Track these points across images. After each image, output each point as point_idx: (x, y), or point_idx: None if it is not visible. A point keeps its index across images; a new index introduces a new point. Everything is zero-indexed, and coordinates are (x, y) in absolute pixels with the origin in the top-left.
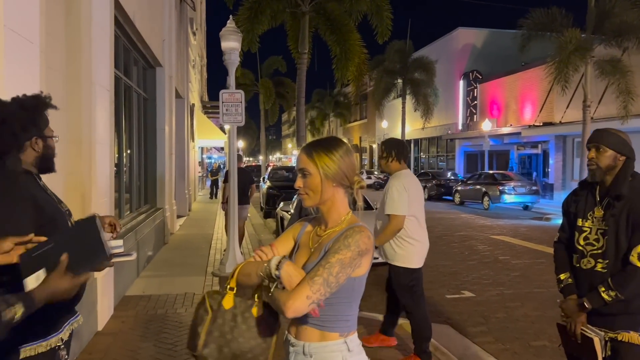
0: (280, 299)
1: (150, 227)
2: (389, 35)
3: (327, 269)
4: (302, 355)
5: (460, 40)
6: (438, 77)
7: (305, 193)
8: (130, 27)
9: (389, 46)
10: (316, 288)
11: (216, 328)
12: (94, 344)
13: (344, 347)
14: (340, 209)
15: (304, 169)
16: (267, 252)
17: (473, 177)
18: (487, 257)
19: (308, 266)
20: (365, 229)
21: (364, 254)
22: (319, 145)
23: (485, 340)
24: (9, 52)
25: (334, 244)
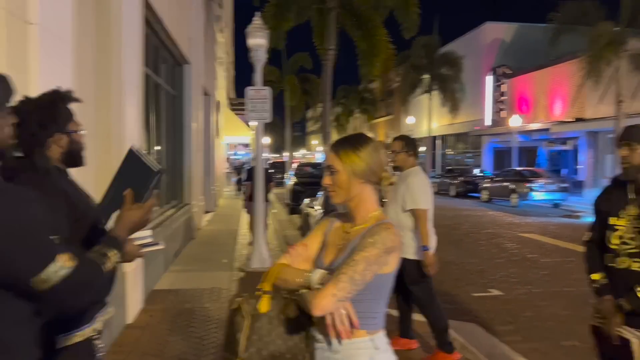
0: (307, 297)
1: (179, 222)
2: (416, 30)
3: (352, 266)
4: (329, 352)
5: (488, 34)
6: (465, 72)
7: (332, 190)
8: (159, 25)
9: (415, 41)
10: (341, 286)
11: (254, 332)
12: (123, 336)
13: (370, 345)
14: (368, 206)
15: (331, 166)
16: (300, 252)
17: (501, 173)
18: (515, 255)
19: (335, 263)
20: (392, 226)
21: (390, 252)
22: (346, 143)
23: (514, 339)
24: (44, 50)
25: (361, 241)
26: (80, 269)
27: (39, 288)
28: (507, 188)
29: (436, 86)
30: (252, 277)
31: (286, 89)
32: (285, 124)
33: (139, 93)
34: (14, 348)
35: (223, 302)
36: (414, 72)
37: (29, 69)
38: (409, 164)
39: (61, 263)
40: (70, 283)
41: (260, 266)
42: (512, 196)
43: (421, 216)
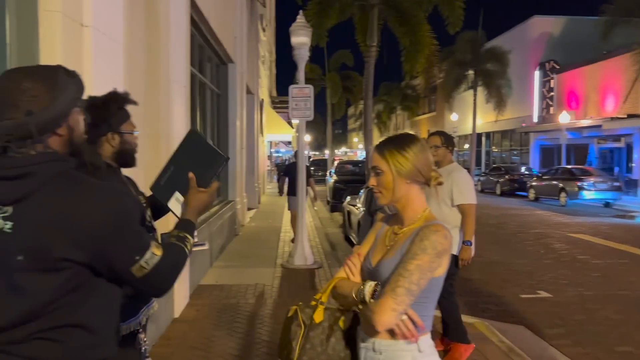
0: (368, 314)
1: (223, 219)
2: (460, 25)
3: (407, 277)
4: (372, 352)
5: (536, 29)
6: (512, 67)
7: (379, 191)
8: (205, 26)
9: (459, 37)
10: (400, 299)
11: (308, 341)
12: (171, 330)
13: (414, 347)
14: (416, 206)
15: (376, 167)
16: (355, 262)
17: (549, 172)
18: (564, 256)
19: (382, 263)
20: (442, 227)
21: (442, 255)
22: (391, 143)
23: (564, 342)
24: (97, 51)
25: (411, 247)
26: (168, 254)
27: (136, 275)
28: (556, 186)
29: (481, 82)
30: (295, 275)
31: (328, 86)
32: (327, 122)
33: (186, 92)
34: (102, 339)
35: (267, 299)
36: (458, 68)
37: (83, 70)
38: (447, 159)
39: (154, 250)
40: (162, 268)
41: (302, 263)
42: (561, 195)
43: (469, 211)
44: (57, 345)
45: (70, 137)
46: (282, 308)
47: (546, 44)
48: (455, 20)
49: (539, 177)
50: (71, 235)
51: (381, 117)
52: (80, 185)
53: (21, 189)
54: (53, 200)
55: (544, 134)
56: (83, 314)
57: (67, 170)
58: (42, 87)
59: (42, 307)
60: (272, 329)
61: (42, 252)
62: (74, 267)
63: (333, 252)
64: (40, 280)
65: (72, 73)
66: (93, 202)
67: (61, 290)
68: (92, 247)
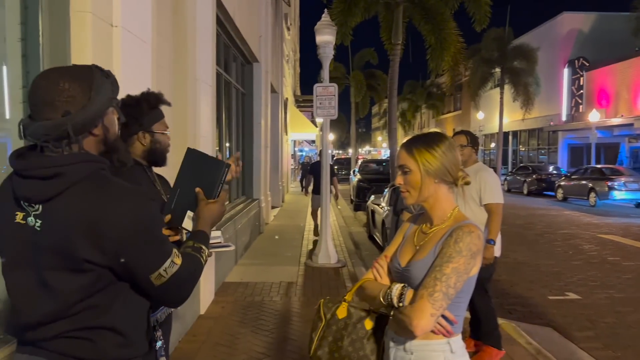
0: (405, 320)
1: (247, 217)
2: (487, 22)
3: (444, 281)
4: (403, 352)
5: (565, 25)
6: (540, 65)
7: (406, 190)
8: (230, 25)
9: (486, 34)
10: (438, 305)
11: (330, 334)
12: (197, 326)
13: (446, 348)
14: (444, 205)
15: (403, 166)
16: (382, 264)
17: (578, 171)
18: (594, 257)
19: (414, 264)
20: (475, 227)
21: (476, 255)
22: (420, 141)
23: (593, 346)
24: (126, 51)
25: (445, 249)
26: (186, 264)
27: (155, 283)
28: (585, 186)
29: (508, 80)
30: (319, 273)
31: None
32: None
33: (212, 91)
34: (132, 340)
35: (291, 297)
36: (484, 66)
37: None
38: (473, 159)
39: (174, 259)
40: (180, 278)
41: (326, 262)
42: (590, 195)
43: (496, 210)
44: (88, 344)
45: (105, 136)
46: (306, 306)
47: (575, 40)
48: (481, 17)
49: (567, 177)
50: (94, 238)
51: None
52: (108, 189)
53: (52, 189)
54: (80, 201)
55: (572, 132)
56: (111, 316)
57: (98, 171)
58: (79, 88)
59: (69, 307)
60: (297, 327)
61: (67, 251)
62: (96, 269)
63: (357, 251)
64: (66, 279)
65: (107, 73)
66: (118, 207)
67: (85, 291)
68: (114, 251)
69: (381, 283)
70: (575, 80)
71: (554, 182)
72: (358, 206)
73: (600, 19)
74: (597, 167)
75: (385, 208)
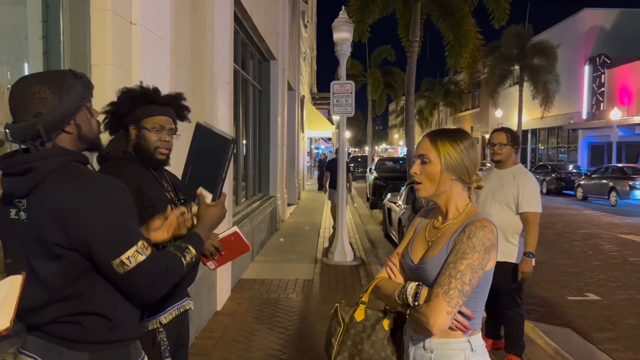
0: (422, 319)
1: (264, 214)
2: (506, 19)
3: (459, 279)
4: (423, 350)
5: (586, 22)
6: (560, 62)
7: (420, 181)
8: (248, 22)
9: (505, 31)
10: (454, 302)
11: (349, 338)
12: (213, 323)
13: (467, 346)
14: (458, 202)
15: (424, 156)
16: (396, 263)
17: (598, 170)
18: (614, 257)
19: (427, 261)
20: (488, 222)
21: (490, 250)
22: (445, 134)
23: (614, 347)
24: (145, 49)
25: (459, 245)
26: (157, 257)
27: (118, 271)
28: (606, 185)
29: (527, 77)
30: (334, 271)
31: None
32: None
33: (229, 89)
34: (120, 324)
35: (307, 294)
36: (503, 63)
37: (132, 67)
38: (512, 159)
39: (139, 250)
40: (145, 270)
41: (342, 260)
42: (611, 194)
43: (534, 220)
44: (77, 327)
45: (79, 133)
46: (322, 304)
47: (597, 37)
48: (500, 14)
49: (587, 176)
50: (60, 223)
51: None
52: (75, 178)
53: (27, 183)
54: (50, 191)
55: (593, 131)
56: (95, 302)
57: (68, 164)
58: (49, 90)
59: (55, 293)
60: (313, 324)
61: (43, 238)
62: (66, 253)
63: (373, 250)
64: (47, 266)
65: (79, 75)
66: (82, 194)
67: (66, 277)
68: (78, 235)
69: (395, 281)
70: (597, 78)
71: (573, 181)
72: (374, 204)
73: (622, 16)
74: (618, 166)
75: (402, 206)
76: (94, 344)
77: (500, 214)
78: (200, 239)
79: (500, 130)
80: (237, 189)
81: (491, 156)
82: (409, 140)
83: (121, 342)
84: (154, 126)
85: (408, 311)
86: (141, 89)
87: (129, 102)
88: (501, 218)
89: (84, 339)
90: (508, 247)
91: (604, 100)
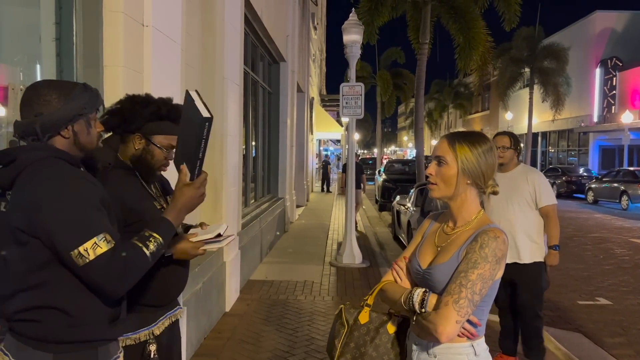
0: (430, 326)
1: (272, 216)
2: (516, 21)
3: (470, 288)
4: (426, 354)
5: (597, 24)
6: (571, 64)
7: (434, 182)
8: (258, 24)
9: (516, 33)
10: (464, 312)
11: (352, 340)
12: (222, 323)
13: (470, 351)
14: (471, 209)
15: (441, 157)
16: (402, 266)
17: (609, 173)
18: (625, 262)
19: (436, 267)
20: (501, 232)
21: (501, 260)
22: (463, 137)
23: (625, 353)
24: (156, 50)
25: (470, 254)
26: (119, 249)
27: (77, 262)
28: (617, 189)
29: (537, 80)
30: (343, 273)
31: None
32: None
33: (239, 90)
34: (82, 322)
35: (315, 296)
36: (513, 65)
37: (143, 68)
38: (514, 162)
39: (100, 242)
40: (106, 263)
41: (351, 262)
42: (622, 198)
43: (553, 212)
44: (37, 325)
45: (75, 140)
46: (330, 306)
47: (608, 39)
48: (511, 16)
49: (598, 179)
50: (25, 210)
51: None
52: (47, 169)
53: (10, 174)
54: (22, 180)
55: (604, 134)
56: (57, 296)
57: (48, 158)
58: (55, 95)
59: (20, 279)
60: (321, 326)
61: (10, 224)
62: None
63: (382, 252)
64: (13, 251)
65: (90, 88)
66: (48, 184)
67: (29, 262)
68: (39, 223)
69: (401, 285)
70: (608, 81)
71: (584, 185)
72: (383, 206)
73: (634, 18)
74: (630, 170)
75: (411, 208)
76: (58, 344)
77: (520, 215)
78: (168, 223)
79: (504, 134)
80: (246, 190)
81: None
82: (418, 143)
83: (87, 343)
84: (166, 145)
85: (415, 317)
86: (162, 103)
87: (145, 115)
88: (523, 219)
89: (47, 338)
90: (534, 247)
91: (616, 103)
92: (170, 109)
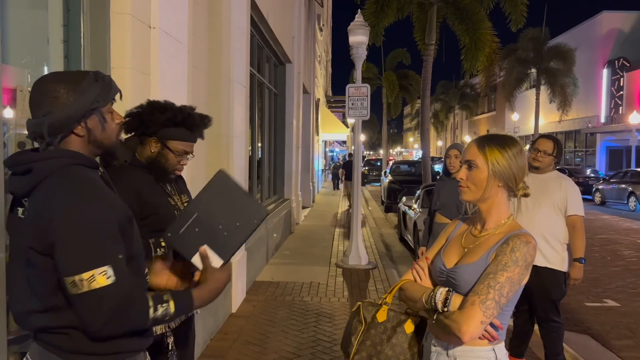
0: (453, 325)
1: (278, 217)
2: (523, 22)
3: (498, 290)
4: (445, 356)
5: (604, 25)
6: (577, 65)
7: (466, 186)
8: (264, 26)
9: (522, 34)
10: (490, 313)
11: (368, 338)
12: (228, 324)
13: (491, 355)
14: (501, 212)
15: (471, 161)
16: (423, 266)
17: (617, 175)
18: (633, 263)
19: (462, 267)
20: (532, 238)
21: (529, 266)
22: (493, 140)
23: (633, 355)
24: (163, 52)
25: (501, 257)
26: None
27: (69, 290)
28: (625, 190)
29: (544, 81)
30: (349, 274)
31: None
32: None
33: (246, 92)
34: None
35: (321, 297)
36: (519, 66)
37: (150, 70)
38: (550, 168)
39: (98, 277)
40: (99, 299)
41: (357, 263)
42: (630, 199)
43: (581, 224)
44: (65, 337)
45: (89, 137)
46: (336, 307)
47: (615, 40)
48: (517, 16)
49: (605, 180)
50: (37, 228)
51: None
52: (64, 183)
53: (26, 184)
54: (41, 193)
55: (611, 135)
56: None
57: (67, 167)
58: (63, 89)
59: (41, 299)
60: (327, 327)
61: (25, 242)
62: (40, 258)
63: (387, 253)
64: (30, 272)
65: (101, 77)
66: (59, 203)
67: (45, 282)
68: (47, 243)
69: (421, 285)
70: (615, 81)
71: (591, 186)
72: (389, 207)
73: None
74: (638, 171)
75: (417, 210)
76: (87, 355)
77: (547, 218)
78: (191, 301)
79: (548, 138)
80: (252, 191)
81: (531, 160)
82: (424, 144)
83: (117, 355)
84: (179, 151)
85: (435, 316)
86: (179, 110)
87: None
88: (549, 223)
89: (76, 350)
90: (551, 253)
91: (623, 104)
92: (186, 116)
